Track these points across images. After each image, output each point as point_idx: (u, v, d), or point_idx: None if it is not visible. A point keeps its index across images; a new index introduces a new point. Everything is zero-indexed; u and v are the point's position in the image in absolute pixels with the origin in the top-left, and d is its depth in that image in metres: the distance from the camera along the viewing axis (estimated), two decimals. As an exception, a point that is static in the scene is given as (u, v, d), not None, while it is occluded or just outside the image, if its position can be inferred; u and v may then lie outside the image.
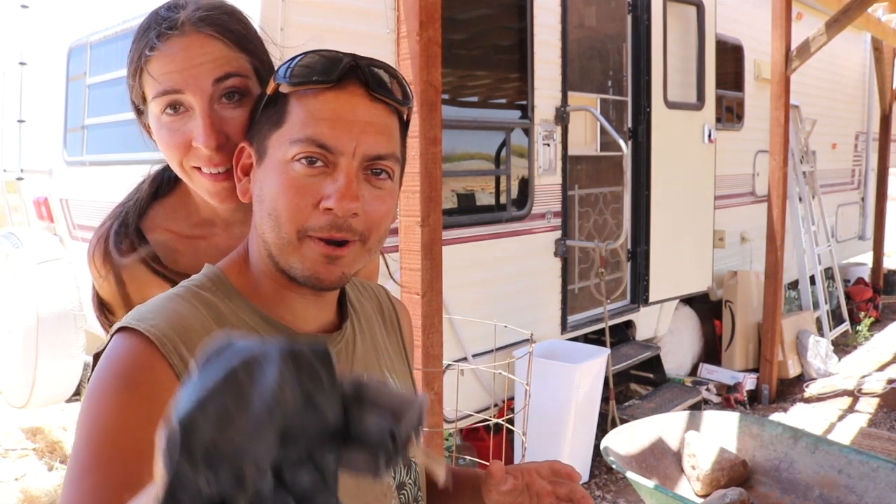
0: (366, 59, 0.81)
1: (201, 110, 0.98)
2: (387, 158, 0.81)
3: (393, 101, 0.82)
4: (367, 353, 0.94)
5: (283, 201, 0.78)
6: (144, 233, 1.12)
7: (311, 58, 0.80)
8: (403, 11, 2.42)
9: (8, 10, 4.53)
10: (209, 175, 1.02)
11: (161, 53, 0.99)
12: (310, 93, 0.80)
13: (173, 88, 0.99)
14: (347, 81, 0.79)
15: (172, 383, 0.72)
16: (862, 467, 2.61)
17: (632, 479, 2.52)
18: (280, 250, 0.80)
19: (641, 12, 4.44)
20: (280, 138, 0.80)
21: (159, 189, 1.16)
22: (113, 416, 0.70)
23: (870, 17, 6.56)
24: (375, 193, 0.81)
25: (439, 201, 2.47)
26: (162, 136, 1.02)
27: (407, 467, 0.94)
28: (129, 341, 0.74)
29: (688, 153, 4.79)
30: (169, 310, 0.78)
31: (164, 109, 1.00)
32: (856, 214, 8.36)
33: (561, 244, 4.06)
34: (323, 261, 0.79)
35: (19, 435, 4.30)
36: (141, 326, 0.74)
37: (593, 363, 3.62)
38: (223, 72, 0.99)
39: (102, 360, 0.75)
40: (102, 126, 3.63)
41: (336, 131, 0.78)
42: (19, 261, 3.83)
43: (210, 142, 0.98)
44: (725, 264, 5.73)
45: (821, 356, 5.46)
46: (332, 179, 0.78)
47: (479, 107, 3.81)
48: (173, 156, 1.03)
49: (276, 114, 0.81)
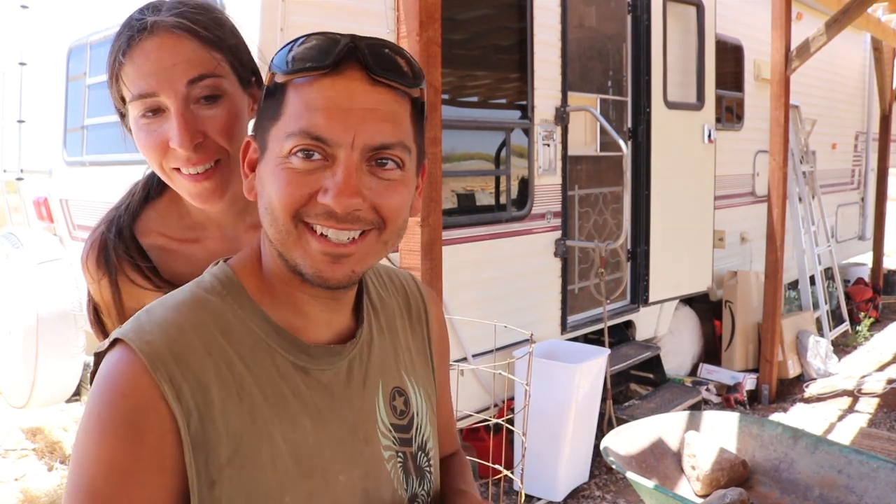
0: (367, 40, 0.75)
1: (176, 111, 0.97)
2: (393, 147, 0.75)
3: (398, 84, 0.75)
4: (384, 357, 0.90)
5: (277, 194, 0.74)
6: (137, 237, 1.11)
7: (306, 42, 0.75)
8: (403, 11, 2.42)
9: (8, 10, 4.52)
10: (188, 176, 1.01)
11: (134, 57, 0.98)
12: (305, 80, 0.74)
13: (147, 92, 0.98)
14: (345, 66, 0.73)
15: (157, 406, 0.71)
16: (862, 467, 2.61)
17: (632, 479, 2.52)
18: (282, 244, 0.76)
19: (641, 12, 4.44)
20: (278, 132, 0.75)
21: (150, 192, 1.16)
22: (105, 467, 0.70)
23: (870, 17, 6.56)
24: (384, 185, 0.75)
25: (439, 201, 2.47)
26: (140, 139, 1.02)
27: (420, 478, 0.90)
28: (122, 365, 0.72)
29: (688, 153, 4.79)
30: (170, 323, 0.74)
31: (142, 112, 1.00)
32: (856, 214, 8.36)
33: (561, 244, 4.06)
34: (326, 259, 0.75)
35: (19, 435, 4.30)
36: (135, 344, 0.72)
37: (593, 363, 3.62)
38: (196, 73, 0.98)
39: (97, 384, 0.73)
40: (102, 126, 3.63)
41: (332, 122, 0.72)
42: (19, 261, 3.83)
43: (185, 142, 0.97)
44: (725, 264, 5.73)
45: (821, 356, 5.46)
46: (330, 173, 0.73)
47: (479, 107, 3.80)
48: (152, 157, 1.02)
49: (274, 105, 0.77)
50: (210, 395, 0.73)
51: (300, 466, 0.77)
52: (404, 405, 0.90)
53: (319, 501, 0.78)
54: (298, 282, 0.79)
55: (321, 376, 0.81)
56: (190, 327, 0.75)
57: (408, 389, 0.91)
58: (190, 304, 0.77)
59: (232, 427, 0.73)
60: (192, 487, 0.71)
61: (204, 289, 0.80)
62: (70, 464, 0.73)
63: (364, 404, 0.84)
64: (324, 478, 0.78)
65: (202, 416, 0.72)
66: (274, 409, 0.76)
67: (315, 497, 0.77)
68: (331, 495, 0.79)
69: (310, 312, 0.82)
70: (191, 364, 0.73)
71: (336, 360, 0.83)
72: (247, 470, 0.73)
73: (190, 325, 0.75)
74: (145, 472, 0.70)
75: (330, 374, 0.82)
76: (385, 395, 0.87)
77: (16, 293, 3.83)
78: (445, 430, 1.06)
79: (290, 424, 0.77)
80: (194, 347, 0.74)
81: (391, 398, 0.88)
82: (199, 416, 0.72)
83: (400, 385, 0.90)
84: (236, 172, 1.01)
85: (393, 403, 0.88)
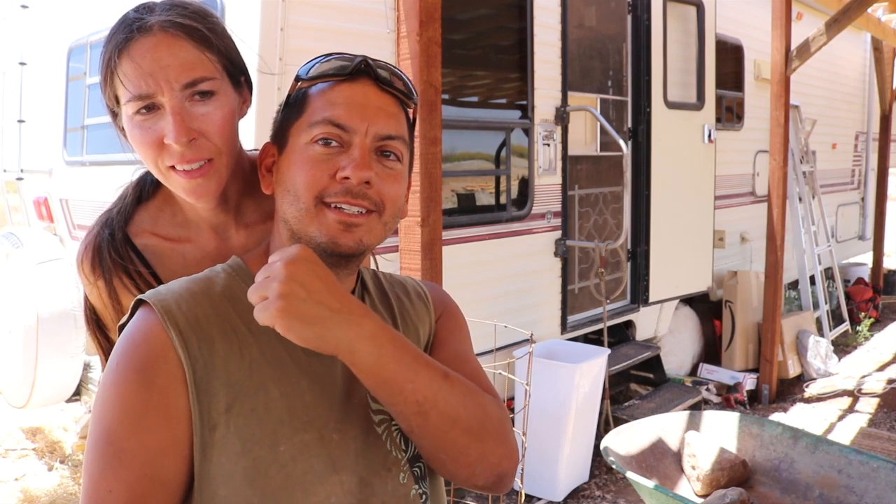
0: (375, 61, 0.92)
1: (171, 108, 0.99)
2: (396, 139, 0.90)
3: (399, 94, 0.93)
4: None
5: (301, 175, 0.87)
6: (131, 238, 1.12)
7: (327, 60, 0.91)
8: (403, 11, 2.42)
9: (8, 10, 4.53)
10: (183, 172, 1.03)
11: (132, 56, 0.99)
12: (327, 86, 0.91)
13: (144, 93, 0.99)
14: (359, 77, 0.91)
15: (167, 355, 0.80)
16: (862, 467, 2.61)
17: (632, 479, 2.52)
18: (299, 222, 0.87)
19: (641, 12, 4.44)
20: (300, 126, 0.90)
21: (143, 193, 1.17)
22: (119, 413, 0.79)
23: (870, 17, 6.56)
24: (386, 172, 0.89)
25: (439, 201, 2.47)
26: (135, 136, 1.03)
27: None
28: (139, 320, 0.84)
29: (688, 153, 4.79)
30: (183, 289, 0.87)
31: (137, 110, 1.01)
32: (856, 214, 8.35)
33: (561, 244, 4.06)
34: (340, 227, 0.86)
35: (19, 435, 4.31)
36: (151, 300, 0.84)
37: (593, 363, 3.62)
38: (190, 77, 1.00)
39: (119, 341, 0.84)
40: (102, 126, 3.63)
41: (350, 112, 0.88)
42: (19, 261, 3.83)
43: (181, 138, 0.99)
44: (725, 264, 5.73)
45: (821, 356, 5.46)
46: (347, 155, 0.87)
47: (479, 107, 3.80)
48: (148, 154, 1.03)
49: (296, 108, 0.92)
50: (214, 346, 0.83)
51: (296, 419, 0.84)
52: None
53: (313, 454, 0.84)
54: None
55: None
56: (200, 291, 0.87)
57: None
58: (202, 278, 0.90)
59: (233, 378, 0.82)
60: (195, 430, 0.80)
61: (215, 271, 0.92)
62: (92, 414, 0.82)
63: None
64: (319, 433, 0.85)
65: (207, 365, 0.81)
66: (272, 367, 0.85)
67: (309, 449, 0.84)
68: (325, 450, 0.85)
69: None
70: (199, 319, 0.83)
71: None
72: (244, 418, 0.82)
73: (200, 290, 0.87)
74: (154, 418, 0.79)
75: None
76: None
77: (16, 293, 3.83)
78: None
79: (287, 382, 0.85)
80: (203, 307, 0.85)
81: None
82: (203, 364, 0.81)
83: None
84: (229, 170, 1.07)
85: None
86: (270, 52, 2.68)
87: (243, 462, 0.80)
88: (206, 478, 0.80)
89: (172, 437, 0.79)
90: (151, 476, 0.78)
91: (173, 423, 0.79)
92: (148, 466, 0.78)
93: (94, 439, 0.80)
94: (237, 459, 0.80)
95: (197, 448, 0.80)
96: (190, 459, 0.80)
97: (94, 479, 0.78)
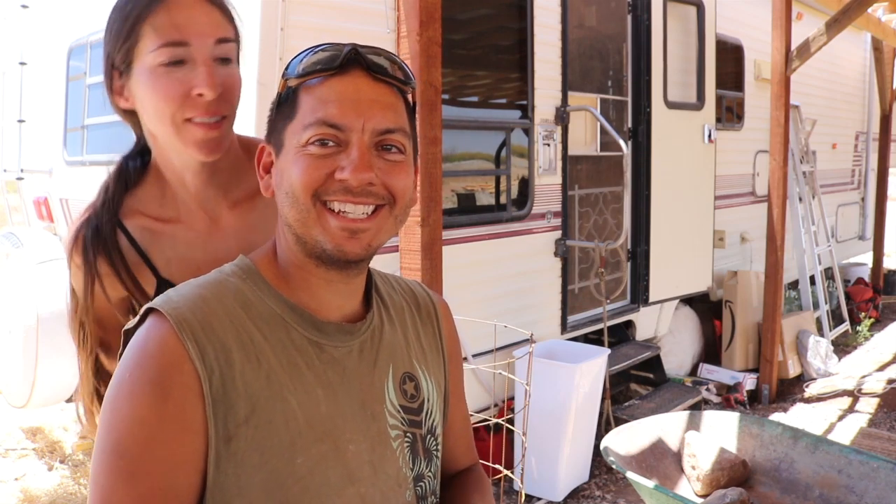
0: (365, 48, 0.86)
1: (204, 60, 1.05)
2: (395, 132, 0.85)
3: (395, 81, 0.87)
4: (394, 343, 0.95)
5: (298, 176, 0.82)
6: (123, 221, 1.14)
7: (314, 52, 0.85)
8: (403, 11, 2.42)
9: (8, 10, 4.53)
10: (201, 125, 1.06)
11: (166, 8, 1.04)
12: (316, 82, 0.84)
13: (180, 40, 1.04)
14: (350, 68, 0.84)
15: (183, 366, 0.77)
16: (862, 467, 2.61)
17: (632, 479, 2.52)
18: (302, 224, 0.83)
19: (641, 12, 4.44)
20: (294, 128, 0.84)
21: (128, 181, 1.19)
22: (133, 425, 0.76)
23: (870, 17, 6.56)
24: (390, 166, 0.85)
25: (439, 201, 2.47)
26: (159, 87, 1.05)
27: (428, 460, 0.94)
28: (151, 329, 0.80)
29: (688, 153, 4.79)
30: (195, 295, 0.83)
31: (163, 62, 1.04)
32: (856, 214, 8.35)
33: (561, 244, 4.06)
34: (345, 234, 0.82)
35: (19, 435, 4.30)
36: (164, 309, 0.80)
37: (593, 363, 3.62)
38: (222, 34, 1.07)
39: (128, 350, 0.80)
40: (102, 126, 3.63)
41: (344, 110, 0.82)
42: (19, 261, 3.83)
43: (216, 88, 1.04)
44: (725, 264, 5.73)
45: (821, 356, 5.46)
46: (345, 154, 0.82)
47: (479, 107, 3.80)
48: (166, 108, 1.06)
49: (288, 108, 0.86)
50: (231, 356, 0.80)
51: (313, 430, 0.82)
52: (415, 390, 0.95)
53: (330, 466, 0.83)
54: (313, 266, 0.86)
55: (334, 352, 0.87)
56: (213, 298, 0.83)
57: (418, 375, 0.96)
58: (213, 282, 0.86)
59: (250, 388, 0.80)
60: (211, 442, 0.78)
61: (225, 274, 0.88)
62: (99, 426, 0.78)
63: (374, 383, 0.90)
64: (335, 444, 0.84)
65: (223, 376, 0.79)
66: (289, 376, 0.83)
67: (326, 461, 0.82)
68: (341, 462, 0.84)
69: (323, 297, 0.88)
70: (214, 328, 0.80)
71: (348, 338, 0.89)
72: (262, 429, 0.79)
73: (213, 297, 0.83)
74: (169, 431, 0.76)
75: (342, 350, 0.88)
76: (395, 378, 0.93)
77: (16, 293, 3.83)
78: (462, 437, 1.10)
79: (304, 392, 0.83)
80: (217, 315, 0.82)
81: (401, 382, 0.93)
82: (220, 375, 0.79)
83: (410, 371, 0.96)
84: (231, 135, 1.12)
85: (403, 387, 0.93)
86: (270, 52, 2.68)
87: (260, 474, 0.79)
88: (218, 490, 0.79)
89: (187, 451, 0.77)
90: (165, 490, 0.76)
91: (188, 436, 0.77)
92: (161, 480, 0.76)
93: (103, 452, 0.77)
94: (254, 472, 0.79)
95: (211, 460, 0.78)
96: (204, 472, 0.79)
97: (105, 494, 0.76)
